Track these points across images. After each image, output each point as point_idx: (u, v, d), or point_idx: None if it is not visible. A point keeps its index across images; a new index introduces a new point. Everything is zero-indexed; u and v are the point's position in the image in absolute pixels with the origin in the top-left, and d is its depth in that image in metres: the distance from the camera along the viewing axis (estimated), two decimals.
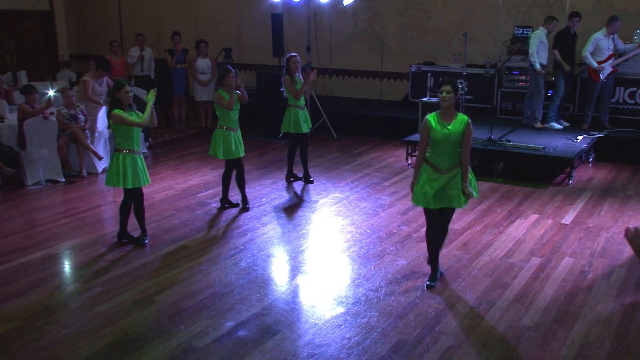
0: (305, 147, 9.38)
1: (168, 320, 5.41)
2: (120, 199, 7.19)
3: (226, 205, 8.35)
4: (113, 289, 6.01)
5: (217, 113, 8.03)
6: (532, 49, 10.65)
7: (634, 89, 11.00)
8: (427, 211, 5.94)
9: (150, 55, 13.33)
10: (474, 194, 5.92)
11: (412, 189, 5.97)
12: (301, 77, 9.11)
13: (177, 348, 4.98)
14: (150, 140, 11.57)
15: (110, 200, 8.72)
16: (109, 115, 6.72)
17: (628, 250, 6.83)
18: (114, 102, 6.66)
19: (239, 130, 8.08)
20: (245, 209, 8.24)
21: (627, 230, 3.28)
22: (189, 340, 5.09)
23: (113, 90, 6.72)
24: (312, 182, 9.44)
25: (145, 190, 7.27)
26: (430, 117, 5.80)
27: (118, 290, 5.98)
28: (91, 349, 4.98)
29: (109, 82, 10.52)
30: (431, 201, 5.79)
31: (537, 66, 10.62)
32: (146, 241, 7.12)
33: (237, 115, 8.02)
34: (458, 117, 5.77)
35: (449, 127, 5.71)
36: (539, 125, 10.98)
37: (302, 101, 9.08)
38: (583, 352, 4.93)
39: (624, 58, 10.71)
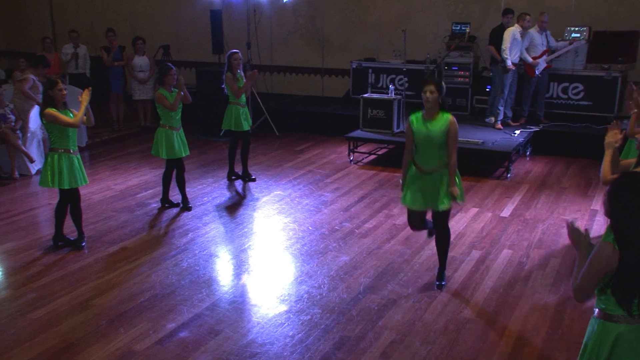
0: (247, 145, 9.34)
1: (107, 324, 5.32)
2: (55, 200, 7.01)
3: (167, 205, 8.25)
4: (48, 294, 5.87)
5: (158, 112, 7.92)
6: (505, 45, 10.55)
7: (567, 84, 11.34)
8: (408, 211, 5.97)
9: (85, 53, 12.99)
10: (459, 198, 5.77)
11: (402, 190, 5.92)
12: (242, 74, 9.07)
13: (116, 352, 4.91)
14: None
15: (45, 202, 8.50)
16: (41, 114, 6.55)
17: (562, 241, 7.09)
18: (47, 100, 6.50)
19: (181, 129, 7.99)
20: (186, 208, 8.15)
21: (571, 224, 3.37)
22: (129, 343, 5.02)
23: (46, 88, 6.55)
24: (254, 180, 9.41)
25: (82, 191, 7.12)
26: (413, 117, 5.69)
27: (54, 295, 5.84)
28: (24, 357, 4.86)
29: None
30: (417, 201, 5.74)
31: (509, 63, 10.59)
32: (83, 244, 6.97)
33: (180, 114, 7.93)
34: (440, 116, 5.59)
35: (430, 127, 5.57)
36: (498, 125, 10.94)
37: (242, 99, 9.04)
38: (520, 341, 5.08)
39: (556, 54, 11.04)
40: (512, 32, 10.59)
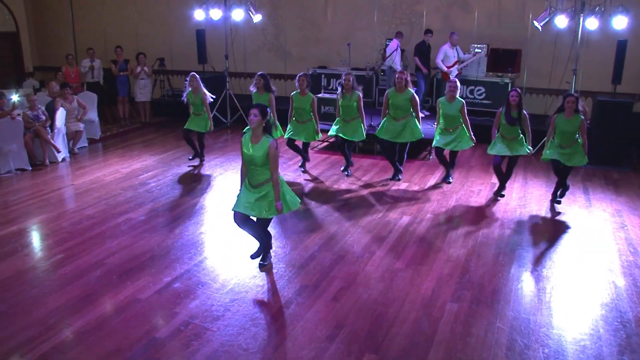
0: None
1: (117, 279, 5.21)
2: (77, 182, 6.76)
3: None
4: (72, 255, 5.72)
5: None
6: (394, 59, 10.89)
7: (473, 87, 11.43)
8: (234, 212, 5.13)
9: (99, 65, 12.60)
10: (284, 209, 5.12)
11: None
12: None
13: (125, 300, 4.82)
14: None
15: (68, 183, 8.24)
16: None
17: (470, 209, 7.17)
18: None
19: None
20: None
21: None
22: (134, 293, 4.94)
23: None
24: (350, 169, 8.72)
25: (96, 174, 6.94)
26: (246, 135, 5.02)
27: (76, 256, 5.70)
28: (56, 303, 4.77)
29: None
30: (249, 209, 5.02)
31: (397, 68, 10.81)
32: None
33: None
34: (263, 141, 4.90)
35: (253, 150, 4.91)
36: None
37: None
38: (439, 284, 5.14)
39: (465, 63, 11.11)
40: (392, 47, 10.85)
